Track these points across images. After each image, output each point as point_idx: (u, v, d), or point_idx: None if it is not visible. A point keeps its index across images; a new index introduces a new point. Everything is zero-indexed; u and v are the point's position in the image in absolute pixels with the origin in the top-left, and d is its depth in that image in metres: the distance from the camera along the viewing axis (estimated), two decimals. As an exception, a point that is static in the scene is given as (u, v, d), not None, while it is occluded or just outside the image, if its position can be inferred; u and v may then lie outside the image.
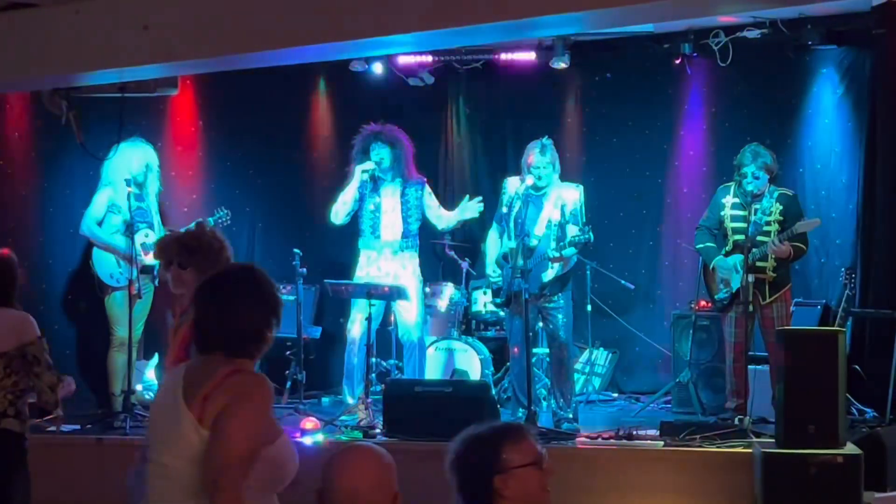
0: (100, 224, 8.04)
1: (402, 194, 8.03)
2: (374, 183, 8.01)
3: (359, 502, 2.83)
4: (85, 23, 4.70)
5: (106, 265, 8.00)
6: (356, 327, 7.98)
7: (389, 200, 8.03)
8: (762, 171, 7.41)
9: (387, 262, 8.01)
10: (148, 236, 7.89)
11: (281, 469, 3.17)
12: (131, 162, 7.94)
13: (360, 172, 7.97)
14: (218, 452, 2.99)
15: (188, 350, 5.02)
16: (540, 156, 7.39)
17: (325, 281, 8.11)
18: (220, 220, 8.08)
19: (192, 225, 5.55)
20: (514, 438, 3.08)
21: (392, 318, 8.32)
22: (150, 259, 7.66)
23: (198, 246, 4.97)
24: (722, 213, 7.61)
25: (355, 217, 8.07)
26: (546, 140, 7.49)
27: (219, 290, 3.27)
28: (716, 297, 7.65)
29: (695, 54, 8.84)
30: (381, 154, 7.97)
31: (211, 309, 3.23)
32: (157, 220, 8.15)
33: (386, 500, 2.84)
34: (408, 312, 8.00)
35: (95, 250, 8.07)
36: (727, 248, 7.60)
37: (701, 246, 7.74)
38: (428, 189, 8.13)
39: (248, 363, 3.21)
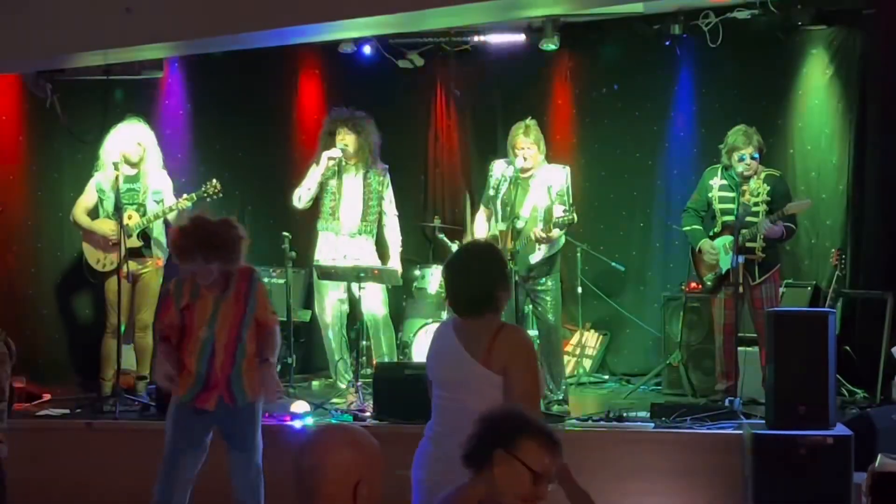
0: (94, 210, 7.95)
1: (364, 178, 8.05)
2: (338, 167, 8.01)
3: (315, 483, 2.74)
4: (67, 5, 4.67)
5: (93, 250, 7.95)
6: (328, 311, 8.10)
7: (351, 183, 8.05)
8: (757, 153, 7.42)
9: (345, 245, 8.04)
10: (131, 218, 7.74)
11: None
12: (122, 142, 7.81)
13: (326, 159, 7.96)
14: (525, 389, 3.92)
15: (242, 324, 5.40)
16: (524, 137, 7.38)
17: (315, 264, 8.10)
18: (207, 194, 7.78)
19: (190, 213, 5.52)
20: (539, 438, 3.12)
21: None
22: (131, 242, 7.63)
23: (221, 243, 5.27)
24: (710, 195, 7.61)
25: (316, 200, 8.10)
26: (529, 121, 7.47)
27: (482, 266, 4.10)
28: (705, 278, 7.65)
29: (685, 35, 8.78)
30: (346, 141, 7.97)
31: (477, 281, 4.07)
32: (161, 196, 7.88)
33: (345, 485, 2.73)
34: (372, 294, 8.04)
35: (85, 236, 7.99)
36: (716, 230, 7.60)
37: (688, 228, 7.75)
38: (388, 179, 8.15)
39: (499, 316, 4.13)
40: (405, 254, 8.40)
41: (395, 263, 8.21)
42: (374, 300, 8.08)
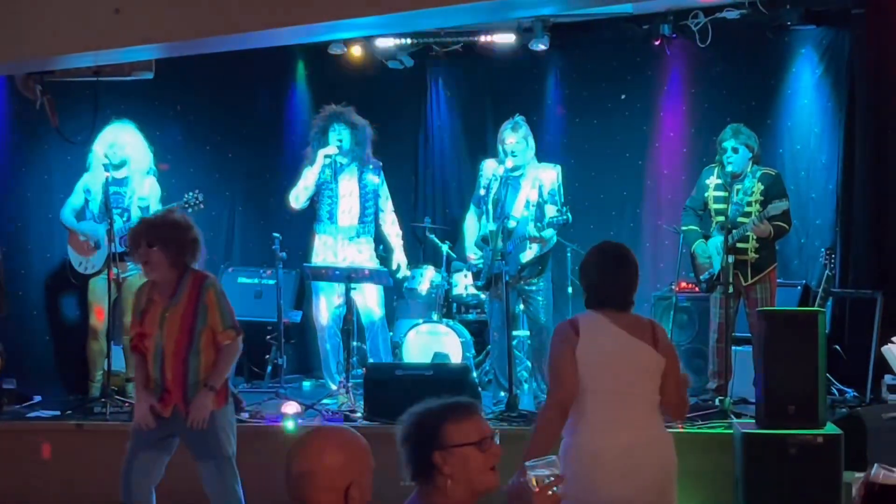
0: (82, 210, 7.93)
1: (360, 179, 8.02)
2: (333, 167, 7.98)
3: (307, 486, 2.77)
4: (57, 6, 4.65)
5: (76, 252, 7.92)
6: (323, 313, 8.03)
7: (347, 185, 8.01)
8: (742, 147, 7.41)
9: (343, 247, 8.00)
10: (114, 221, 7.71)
11: None
12: (108, 145, 7.79)
13: (322, 157, 7.94)
14: (679, 373, 4.41)
15: (192, 331, 5.19)
16: (512, 132, 7.39)
17: (305, 265, 8.09)
18: (189, 203, 7.70)
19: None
20: (457, 416, 3.15)
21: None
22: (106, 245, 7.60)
23: (162, 222, 5.24)
24: (706, 195, 7.62)
25: (312, 201, 8.06)
26: (518, 118, 7.50)
27: (632, 264, 4.48)
28: (701, 277, 7.67)
29: (674, 35, 8.79)
30: (341, 136, 7.94)
31: (631, 280, 4.45)
32: (148, 203, 7.86)
33: (336, 490, 2.77)
34: (369, 295, 8.01)
35: (70, 237, 7.98)
36: (713, 229, 7.60)
37: (685, 228, 7.76)
38: (382, 176, 8.12)
39: None
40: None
41: (399, 256, 8.20)
42: (370, 301, 8.06)
